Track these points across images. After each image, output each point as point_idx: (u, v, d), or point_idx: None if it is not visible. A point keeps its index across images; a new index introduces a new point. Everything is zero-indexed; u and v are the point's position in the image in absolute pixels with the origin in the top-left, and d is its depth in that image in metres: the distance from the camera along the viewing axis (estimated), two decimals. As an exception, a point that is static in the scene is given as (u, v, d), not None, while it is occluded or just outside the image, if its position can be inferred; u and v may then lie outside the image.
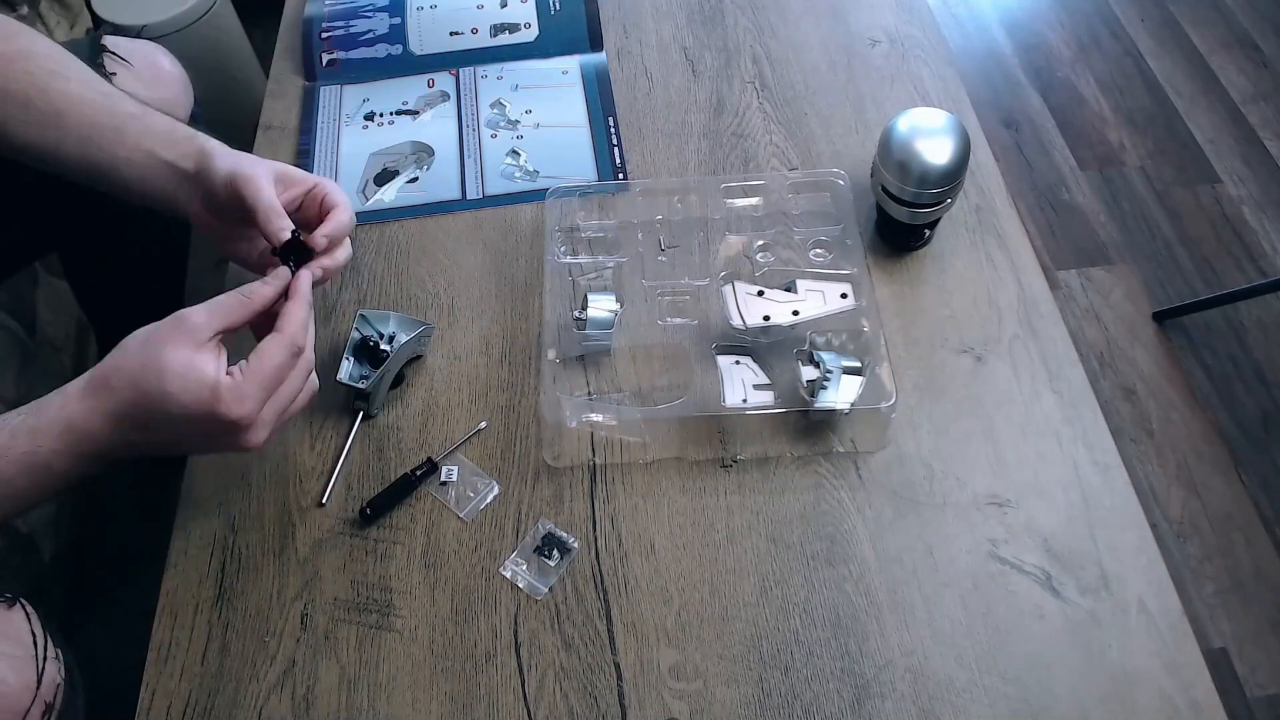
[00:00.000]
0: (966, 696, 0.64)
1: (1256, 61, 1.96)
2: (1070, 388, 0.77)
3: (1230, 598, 1.31)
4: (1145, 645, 0.65)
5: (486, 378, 0.80)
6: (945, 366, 0.79)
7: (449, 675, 0.66)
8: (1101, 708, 0.63)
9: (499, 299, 0.85)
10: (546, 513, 0.73)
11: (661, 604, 0.69)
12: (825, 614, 0.68)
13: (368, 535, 0.72)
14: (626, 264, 0.83)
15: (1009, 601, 0.68)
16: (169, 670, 0.67)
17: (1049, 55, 2.01)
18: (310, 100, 1.01)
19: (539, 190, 0.91)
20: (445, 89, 1.01)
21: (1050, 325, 0.81)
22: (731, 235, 0.84)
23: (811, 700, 0.64)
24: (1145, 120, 1.87)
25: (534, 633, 0.68)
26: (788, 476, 0.74)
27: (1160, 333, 1.58)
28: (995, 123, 1.88)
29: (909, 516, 0.72)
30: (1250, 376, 1.52)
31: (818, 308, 0.77)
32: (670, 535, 0.71)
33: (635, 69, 1.03)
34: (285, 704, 0.66)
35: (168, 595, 0.71)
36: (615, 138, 0.95)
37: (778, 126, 0.96)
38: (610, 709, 0.65)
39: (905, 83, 0.99)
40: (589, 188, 0.89)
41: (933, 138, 0.78)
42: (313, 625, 0.69)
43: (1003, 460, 0.74)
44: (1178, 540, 1.36)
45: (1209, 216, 1.72)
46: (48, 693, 0.59)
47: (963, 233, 0.87)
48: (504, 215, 0.91)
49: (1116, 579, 0.68)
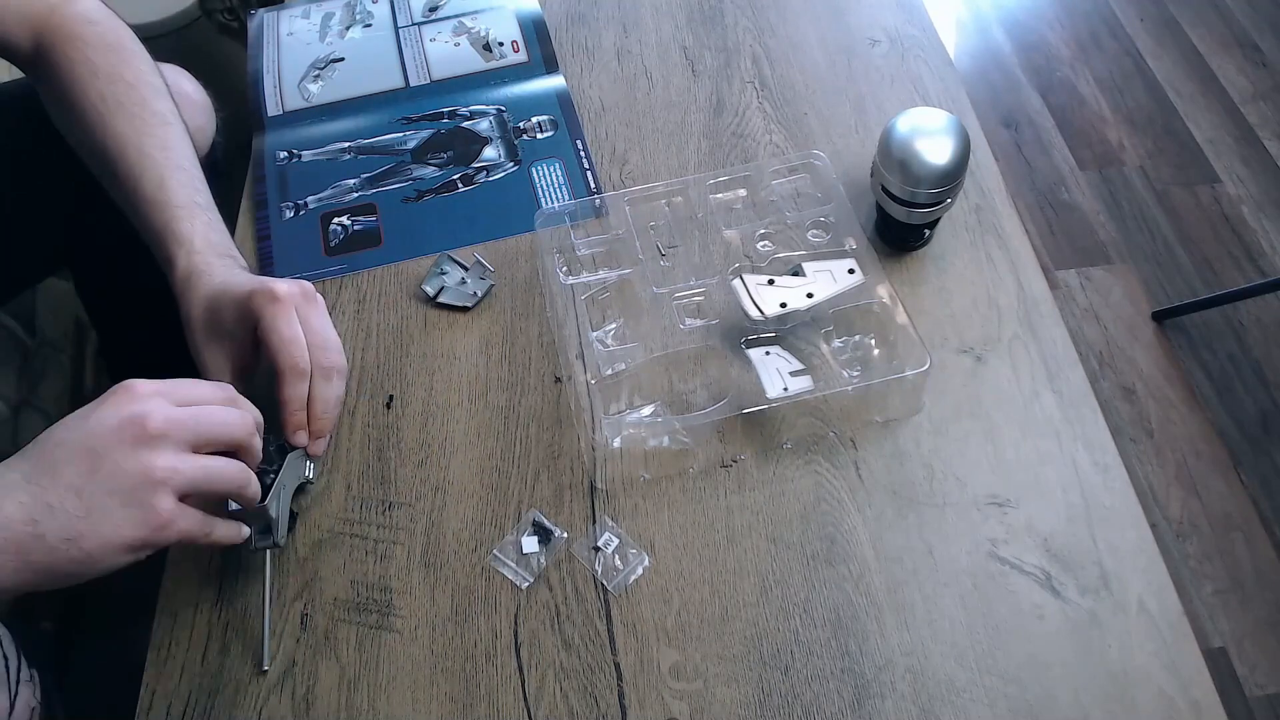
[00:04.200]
0: (966, 696, 0.64)
1: (1256, 61, 1.96)
2: (1070, 388, 0.77)
3: (1229, 597, 1.31)
4: (1145, 645, 0.65)
5: (486, 378, 0.80)
6: (945, 366, 0.79)
7: (449, 675, 0.66)
8: (1101, 708, 0.63)
9: (498, 298, 0.85)
10: (547, 513, 0.73)
11: (661, 604, 0.69)
12: (825, 614, 0.68)
13: (368, 535, 0.72)
14: (631, 275, 0.82)
15: (1009, 601, 0.68)
16: (169, 670, 0.67)
17: (1048, 55, 2.01)
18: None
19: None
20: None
21: (1050, 325, 0.81)
22: (728, 230, 0.84)
23: (811, 700, 0.64)
24: (1145, 120, 1.88)
25: (534, 633, 0.68)
26: (788, 476, 0.74)
27: (1160, 332, 1.58)
28: (995, 123, 1.88)
29: (909, 516, 0.72)
30: (1250, 376, 1.53)
31: (830, 287, 0.78)
32: (670, 535, 0.71)
33: (635, 69, 1.03)
34: (285, 704, 0.66)
35: (167, 595, 0.71)
36: (586, 161, 0.95)
37: (778, 126, 0.96)
38: (610, 709, 0.65)
39: (905, 83, 0.99)
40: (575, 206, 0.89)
41: (933, 138, 0.78)
42: (313, 625, 0.69)
43: (1003, 460, 0.74)
44: (1177, 540, 1.36)
45: (1208, 216, 1.73)
46: (21, 716, 0.59)
47: (963, 233, 0.87)
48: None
49: (1116, 579, 0.68)
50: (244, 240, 0.90)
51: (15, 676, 0.59)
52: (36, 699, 0.60)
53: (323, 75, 1.02)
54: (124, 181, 0.71)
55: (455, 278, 0.85)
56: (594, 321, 0.81)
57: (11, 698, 0.58)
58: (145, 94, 0.74)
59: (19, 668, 0.60)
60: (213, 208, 0.73)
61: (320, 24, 1.07)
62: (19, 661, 0.60)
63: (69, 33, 0.74)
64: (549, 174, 0.94)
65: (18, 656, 0.60)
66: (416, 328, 0.83)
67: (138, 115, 0.73)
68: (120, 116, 0.72)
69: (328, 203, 0.93)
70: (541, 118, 0.99)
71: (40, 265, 1.04)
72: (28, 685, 0.60)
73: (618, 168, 0.94)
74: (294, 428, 0.67)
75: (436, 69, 1.03)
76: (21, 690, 0.59)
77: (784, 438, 0.75)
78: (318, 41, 1.05)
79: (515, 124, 0.98)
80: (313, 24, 1.07)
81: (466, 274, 0.85)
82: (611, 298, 0.82)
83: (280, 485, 0.67)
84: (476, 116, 0.99)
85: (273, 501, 0.66)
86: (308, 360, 0.66)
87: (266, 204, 0.93)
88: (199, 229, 0.70)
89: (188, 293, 0.68)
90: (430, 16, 1.08)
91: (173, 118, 0.75)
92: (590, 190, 0.93)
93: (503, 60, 1.03)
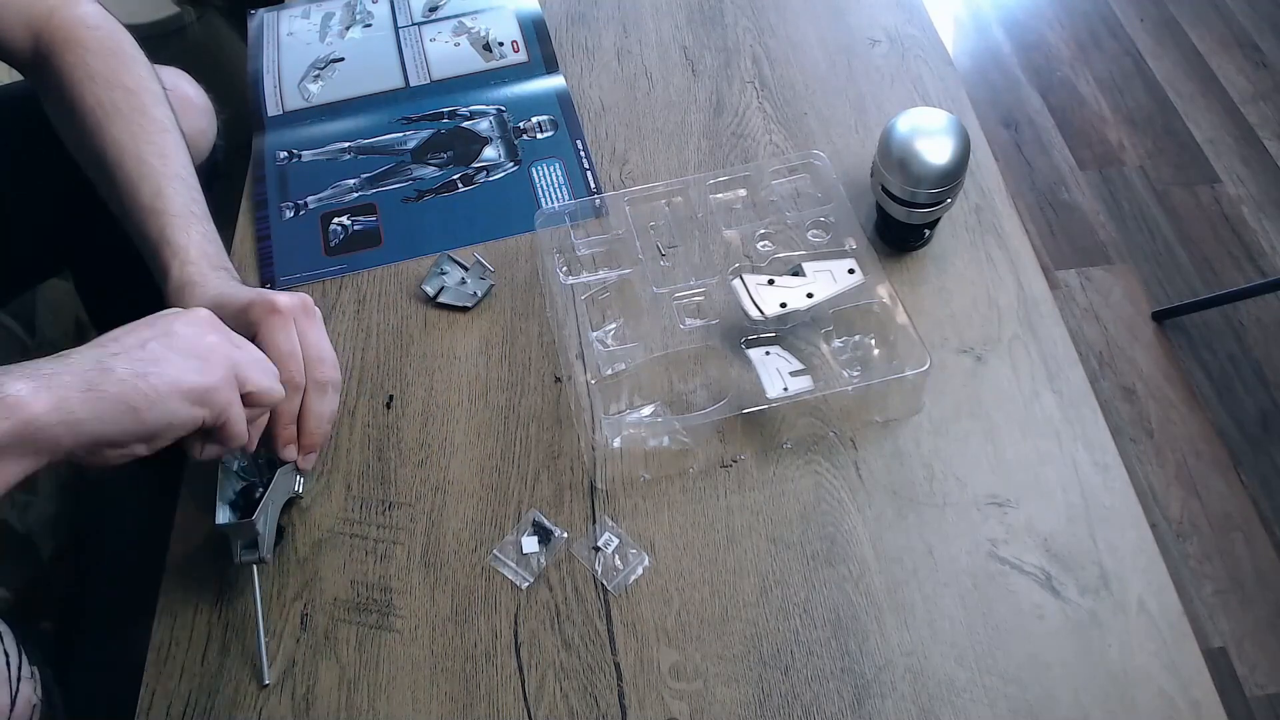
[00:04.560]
0: (966, 696, 0.64)
1: (1256, 61, 1.96)
2: (1070, 388, 0.77)
3: (1229, 597, 1.31)
4: (1145, 645, 0.65)
5: (486, 378, 0.80)
6: (945, 366, 0.79)
7: (449, 675, 0.66)
8: (1101, 708, 0.63)
9: (498, 298, 0.85)
10: (547, 513, 0.73)
11: (661, 604, 0.69)
12: (825, 614, 0.68)
13: (368, 535, 0.72)
14: (631, 275, 0.82)
15: (1009, 601, 0.68)
16: (169, 670, 0.67)
17: (1048, 55, 2.01)
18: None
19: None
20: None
21: (1050, 325, 0.81)
22: (728, 230, 0.84)
23: (811, 700, 0.64)
24: (1145, 120, 1.87)
25: (534, 633, 0.68)
26: (788, 476, 0.74)
27: (1160, 332, 1.58)
28: (995, 123, 1.88)
29: (909, 516, 0.72)
30: (1250, 376, 1.52)
31: (830, 287, 0.78)
32: (670, 535, 0.71)
33: (635, 69, 1.03)
34: (285, 704, 0.66)
35: (167, 595, 0.71)
36: (586, 160, 0.95)
37: (778, 126, 0.96)
38: (610, 709, 0.65)
39: (905, 83, 0.99)
40: (575, 206, 0.89)
41: (933, 138, 0.78)
42: (313, 625, 0.69)
43: (1003, 460, 0.74)
44: (1177, 540, 1.36)
45: (1208, 216, 1.72)
46: (22, 714, 0.59)
47: (963, 233, 0.87)
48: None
49: (1116, 579, 0.68)
50: (244, 240, 0.90)
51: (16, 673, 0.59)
52: (37, 696, 0.60)
53: (323, 75, 1.02)
54: (120, 188, 0.71)
55: (455, 278, 0.85)
56: (594, 321, 0.81)
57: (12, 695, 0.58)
58: (144, 100, 0.74)
59: (20, 664, 0.60)
60: (208, 218, 0.73)
61: (320, 24, 1.07)
62: (20, 658, 0.60)
63: (68, 37, 0.74)
64: (549, 174, 0.94)
65: (19, 653, 0.60)
66: (416, 328, 0.83)
67: (136, 122, 0.72)
68: (118, 123, 0.72)
69: (328, 203, 0.93)
70: (541, 118, 0.99)
71: (41, 267, 1.04)
72: (28, 682, 0.60)
73: (618, 168, 0.94)
74: (285, 442, 0.67)
75: (436, 69, 1.03)
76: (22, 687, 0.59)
77: (784, 438, 0.75)
78: (318, 41, 1.06)
79: (515, 124, 0.98)
80: (313, 24, 1.07)
81: (466, 274, 0.85)
82: (611, 298, 0.82)
83: (269, 500, 0.67)
84: (476, 116, 0.99)
85: (260, 516, 0.65)
86: (303, 375, 0.66)
87: (266, 204, 0.93)
88: (194, 239, 0.70)
89: (181, 303, 0.67)
90: (430, 16, 1.08)
91: (171, 125, 0.75)
92: (590, 190, 0.93)
93: (503, 60, 1.03)
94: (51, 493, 1.25)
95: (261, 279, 0.87)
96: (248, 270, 0.88)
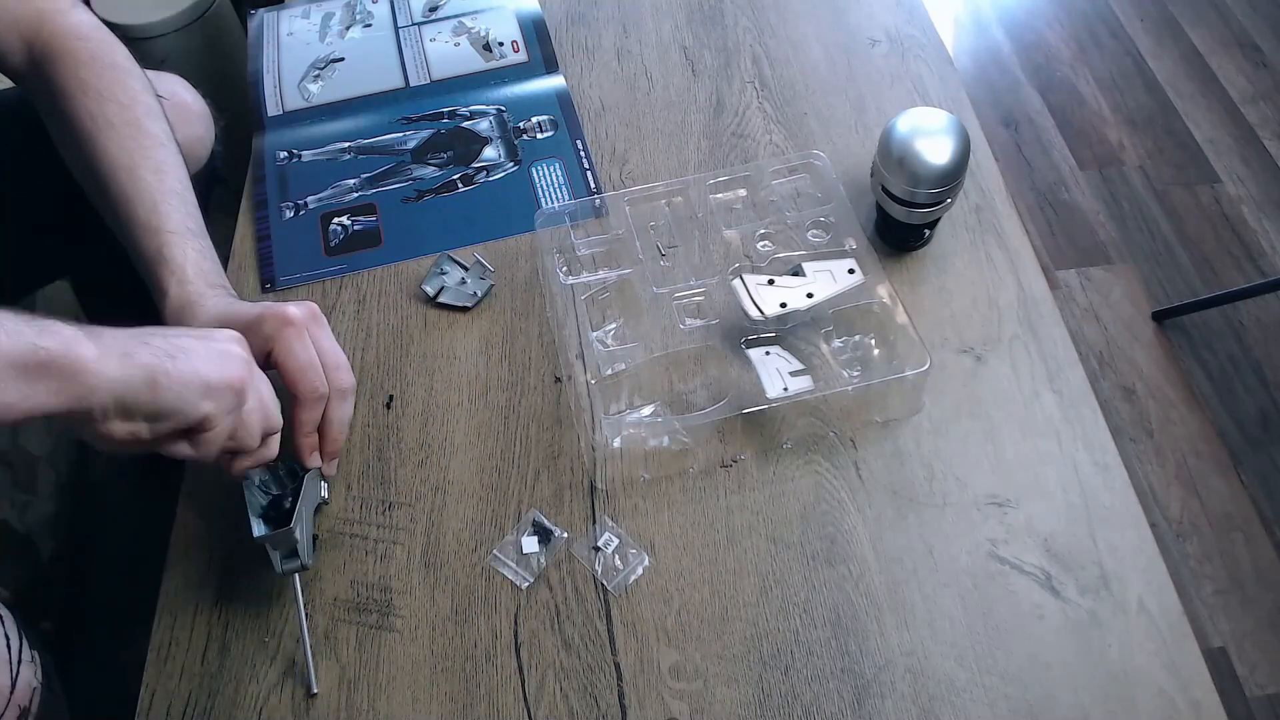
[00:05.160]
0: (966, 696, 0.64)
1: (1256, 61, 1.96)
2: (1070, 387, 0.77)
3: (1230, 597, 1.31)
4: (1145, 645, 0.65)
5: (486, 378, 0.80)
6: (945, 366, 0.79)
7: (449, 675, 0.66)
8: (1101, 708, 0.63)
9: (498, 298, 0.85)
10: (547, 513, 0.73)
11: (661, 604, 0.69)
12: (825, 614, 0.68)
13: (368, 535, 0.72)
14: (631, 275, 0.82)
15: (1009, 601, 0.68)
16: (169, 670, 0.67)
17: (1048, 55, 2.01)
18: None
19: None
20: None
21: (1050, 325, 0.81)
22: (728, 230, 0.84)
23: (811, 700, 0.64)
24: (1144, 120, 1.87)
25: (534, 633, 0.68)
26: (787, 476, 0.74)
27: (1160, 332, 1.58)
28: (995, 123, 1.88)
29: (909, 516, 0.72)
30: (1249, 376, 1.52)
31: (830, 287, 0.78)
32: (670, 535, 0.71)
33: (635, 69, 1.03)
34: (285, 704, 0.66)
35: (167, 595, 0.71)
36: (586, 160, 0.95)
37: (778, 126, 0.96)
38: (610, 709, 0.65)
39: (905, 83, 0.99)
40: (575, 206, 0.89)
41: (933, 138, 0.78)
42: (313, 625, 0.68)
43: (1003, 460, 0.74)
44: (1177, 540, 1.36)
45: (1208, 216, 1.72)
46: (22, 697, 0.59)
47: (963, 233, 0.87)
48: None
49: (1116, 579, 0.68)
50: (244, 240, 0.90)
51: (17, 656, 0.59)
52: (38, 679, 0.60)
53: (323, 75, 1.02)
54: (116, 203, 0.70)
55: (455, 278, 0.85)
56: (594, 321, 0.81)
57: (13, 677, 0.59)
58: (138, 114, 0.73)
59: (20, 648, 0.60)
60: (204, 234, 0.72)
61: (320, 24, 1.07)
62: (20, 642, 0.60)
63: (59, 48, 0.73)
64: (549, 174, 0.94)
65: (19, 637, 0.60)
66: (416, 328, 0.83)
67: (131, 136, 0.71)
68: (112, 137, 0.71)
69: (328, 203, 0.93)
70: (541, 118, 0.99)
71: (40, 272, 1.04)
72: (29, 665, 0.60)
73: (618, 168, 0.94)
74: (309, 449, 0.68)
75: (436, 69, 1.03)
76: (23, 670, 0.59)
77: (784, 438, 0.75)
78: (318, 41, 1.05)
79: (515, 124, 0.98)
80: (313, 24, 1.07)
81: (466, 274, 0.85)
82: (611, 298, 0.82)
83: (301, 508, 0.67)
84: (476, 116, 0.99)
85: (297, 524, 0.66)
86: (326, 384, 0.67)
87: (266, 204, 0.93)
88: (191, 257, 0.69)
89: (183, 323, 0.67)
90: (430, 16, 1.08)
91: (167, 139, 0.74)
92: (590, 190, 0.93)
93: (503, 60, 1.03)
94: (51, 493, 1.25)
95: (261, 279, 0.87)
96: (248, 270, 0.88)
